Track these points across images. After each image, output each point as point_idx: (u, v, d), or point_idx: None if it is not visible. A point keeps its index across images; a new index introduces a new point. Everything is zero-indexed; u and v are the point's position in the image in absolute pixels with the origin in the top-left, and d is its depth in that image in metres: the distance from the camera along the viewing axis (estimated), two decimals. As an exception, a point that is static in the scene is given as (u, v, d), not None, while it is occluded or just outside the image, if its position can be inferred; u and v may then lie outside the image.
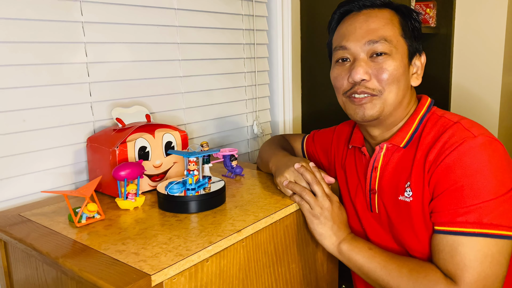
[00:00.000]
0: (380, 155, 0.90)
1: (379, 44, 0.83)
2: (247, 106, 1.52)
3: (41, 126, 0.99)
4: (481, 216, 0.73)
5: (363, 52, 0.85)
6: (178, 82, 1.27)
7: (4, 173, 0.95)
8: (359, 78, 0.84)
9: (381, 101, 0.85)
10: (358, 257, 0.85)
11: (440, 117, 0.85)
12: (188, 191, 0.85)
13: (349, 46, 0.86)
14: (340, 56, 0.88)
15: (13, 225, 0.82)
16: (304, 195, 0.88)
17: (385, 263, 0.82)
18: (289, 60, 1.61)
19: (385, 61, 0.84)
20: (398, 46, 0.85)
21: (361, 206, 0.95)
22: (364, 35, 0.84)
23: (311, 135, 1.17)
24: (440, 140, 0.80)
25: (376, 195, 0.91)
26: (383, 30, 0.84)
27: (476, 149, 0.76)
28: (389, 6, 0.88)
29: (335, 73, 0.90)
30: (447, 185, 0.77)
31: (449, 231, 0.76)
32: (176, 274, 0.65)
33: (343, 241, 0.88)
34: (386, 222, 0.90)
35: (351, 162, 1.00)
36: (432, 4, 1.86)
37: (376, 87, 0.84)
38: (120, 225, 0.81)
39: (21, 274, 0.83)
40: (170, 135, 1.02)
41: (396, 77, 0.84)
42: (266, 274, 0.84)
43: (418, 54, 0.90)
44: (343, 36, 0.88)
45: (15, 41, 0.93)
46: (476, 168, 0.75)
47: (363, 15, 0.87)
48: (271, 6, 1.56)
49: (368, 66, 0.84)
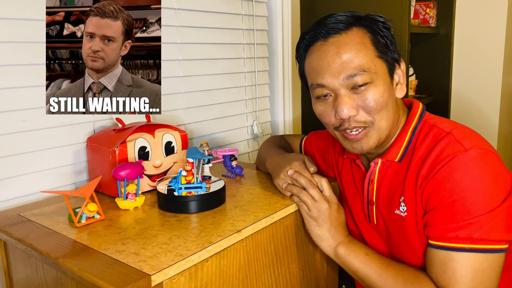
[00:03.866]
0: (376, 169, 0.89)
1: (358, 76, 0.78)
2: (247, 106, 1.52)
3: (41, 126, 0.99)
4: (472, 232, 0.73)
5: (343, 87, 0.80)
6: (178, 82, 1.27)
7: (4, 173, 0.95)
8: (347, 115, 0.79)
9: (375, 131, 0.82)
10: (355, 262, 0.85)
11: (432, 126, 0.83)
12: (177, 190, 0.86)
13: (326, 83, 0.81)
14: (320, 93, 0.83)
15: (13, 225, 0.82)
16: (302, 197, 0.88)
17: (381, 271, 0.82)
18: (289, 60, 1.61)
19: (369, 91, 0.79)
20: (377, 70, 0.80)
21: (359, 216, 0.95)
22: (340, 71, 0.79)
23: (309, 137, 1.16)
24: (432, 153, 0.78)
25: (374, 206, 0.90)
26: (358, 59, 0.78)
27: (467, 163, 0.74)
28: (354, 25, 0.81)
29: (319, 109, 0.85)
30: (439, 200, 0.76)
31: (440, 245, 0.76)
32: (176, 274, 0.65)
33: (340, 244, 0.87)
34: (384, 233, 0.90)
35: (347, 171, 0.99)
36: (432, 4, 1.86)
37: (366, 119, 0.81)
38: (120, 225, 0.80)
39: (21, 274, 0.83)
40: (170, 135, 1.02)
41: (383, 104, 0.80)
42: (266, 274, 0.84)
43: (397, 64, 0.84)
44: (317, 73, 0.82)
45: (15, 41, 0.93)
46: (467, 184, 0.74)
47: (332, 46, 0.80)
48: (271, 6, 1.56)
49: (353, 100, 0.80)
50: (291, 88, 1.64)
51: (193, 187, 0.86)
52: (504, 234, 0.74)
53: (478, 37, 1.89)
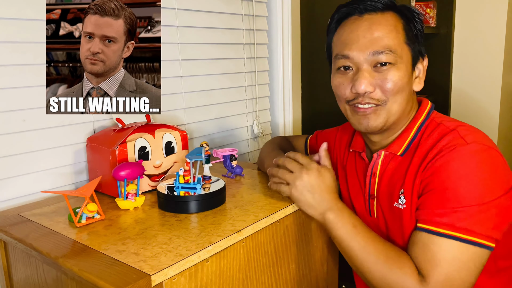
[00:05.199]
0: (378, 161, 0.89)
1: (384, 54, 0.80)
2: (247, 106, 1.52)
3: (41, 126, 0.99)
4: (456, 220, 0.73)
5: (367, 62, 0.82)
6: (178, 82, 1.27)
7: (4, 173, 0.95)
8: (363, 90, 0.81)
9: (385, 111, 0.83)
10: (340, 231, 0.83)
11: (439, 124, 0.84)
12: (176, 188, 0.86)
13: (352, 55, 0.83)
14: (342, 64, 0.85)
15: (13, 225, 0.82)
16: (279, 173, 0.89)
17: (365, 245, 0.81)
18: (289, 60, 1.61)
19: (390, 71, 0.81)
20: (403, 55, 0.82)
21: (361, 210, 0.95)
22: (368, 45, 0.81)
23: (314, 136, 1.17)
24: (435, 147, 0.80)
25: (375, 200, 0.90)
26: (387, 39, 0.81)
27: (465, 155, 0.75)
28: (391, 9, 0.84)
29: (337, 81, 0.87)
30: (432, 186, 0.77)
31: (425, 228, 0.77)
32: (176, 274, 0.65)
33: (328, 210, 0.85)
34: (384, 227, 0.90)
35: (351, 165, 0.99)
36: (432, 4, 1.86)
37: (380, 97, 0.82)
38: (120, 225, 0.80)
39: (21, 274, 0.83)
40: (170, 135, 1.02)
41: (400, 87, 0.82)
42: (266, 274, 0.84)
43: (421, 57, 0.87)
44: (345, 44, 0.84)
45: (15, 41, 0.93)
46: (462, 173, 0.74)
47: (366, 21, 0.83)
48: (271, 6, 1.56)
49: (372, 77, 0.82)
50: (291, 88, 1.64)
51: (189, 187, 0.86)
52: (492, 231, 0.73)
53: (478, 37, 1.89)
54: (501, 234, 0.75)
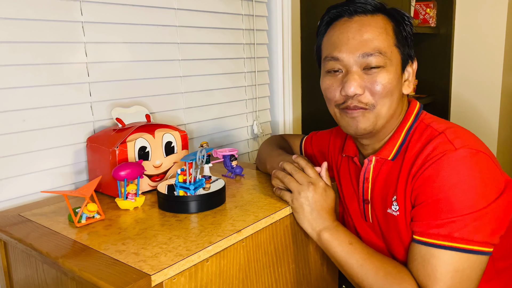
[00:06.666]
0: (370, 167, 0.89)
1: (373, 56, 0.80)
2: (247, 106, 1.52)
3: (41, 126, 0.99)
4: (453, 230, 0.73)
5: (356, 64, 0.81)
6: (178, 82, 1.27)
7: (4, 173, 0.95)
8: (352, 93, 0.81)
9: (374, 115, 0.83)
10: (337, 249, 0.83)
11: (427, 126, 0.83)
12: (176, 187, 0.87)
13: (341, 57, 0.82)
14: (331, 67, 0.84)
15: (13, 225, 0.82)
16: (286, 180, 0.88)
17: (363, 262, 0.81)
18: (289, 60, 1.61)
19: (379, 74, 0.81)
20: (392, 57, 0.82)
21: (356, 214, 0.94)
22: (357, 47, 0.81)
23: (309, 137, 1.16)
24: (423, 152, 0.79)
25: (369, 205, 0.90)
26: (377, 41, 0.81)
27: (455, 162, 0.75)
28: (381, 11, 0.84)
29: (326, 84, 0.86)
30: (425, 197, 0.77)
31: (423, 241, 0.76)
32: (176, 274, 0.65)
33: (324, 229, 0.85)
34: (379, 232, 0.90)
35: (345, 170, 0.99)
36: (432, 4, 1.86)
37: (369, 101, 0.82)
38: (120, 225, 0.81)
39: (21, 274, 0.83)
40: (170, 135, 1.02)
41: (389, 90, 0.81)
42: (266, 274, 0.84)
43: (411, 61, 0.87)
44: (334, 46, 0.83)
45: (15, 41, 0.93)
46: (454, 182, 0.74)
47: (356, 23, 0.82)
48: (271, 6, 1.56)
49: (362, 79, 0.81)
50: (291, 88, 1.64)
51: (185, 187, 0.86)
52: (489, 237, 0.73)
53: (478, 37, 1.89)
54: (498, 238, 0.75)
